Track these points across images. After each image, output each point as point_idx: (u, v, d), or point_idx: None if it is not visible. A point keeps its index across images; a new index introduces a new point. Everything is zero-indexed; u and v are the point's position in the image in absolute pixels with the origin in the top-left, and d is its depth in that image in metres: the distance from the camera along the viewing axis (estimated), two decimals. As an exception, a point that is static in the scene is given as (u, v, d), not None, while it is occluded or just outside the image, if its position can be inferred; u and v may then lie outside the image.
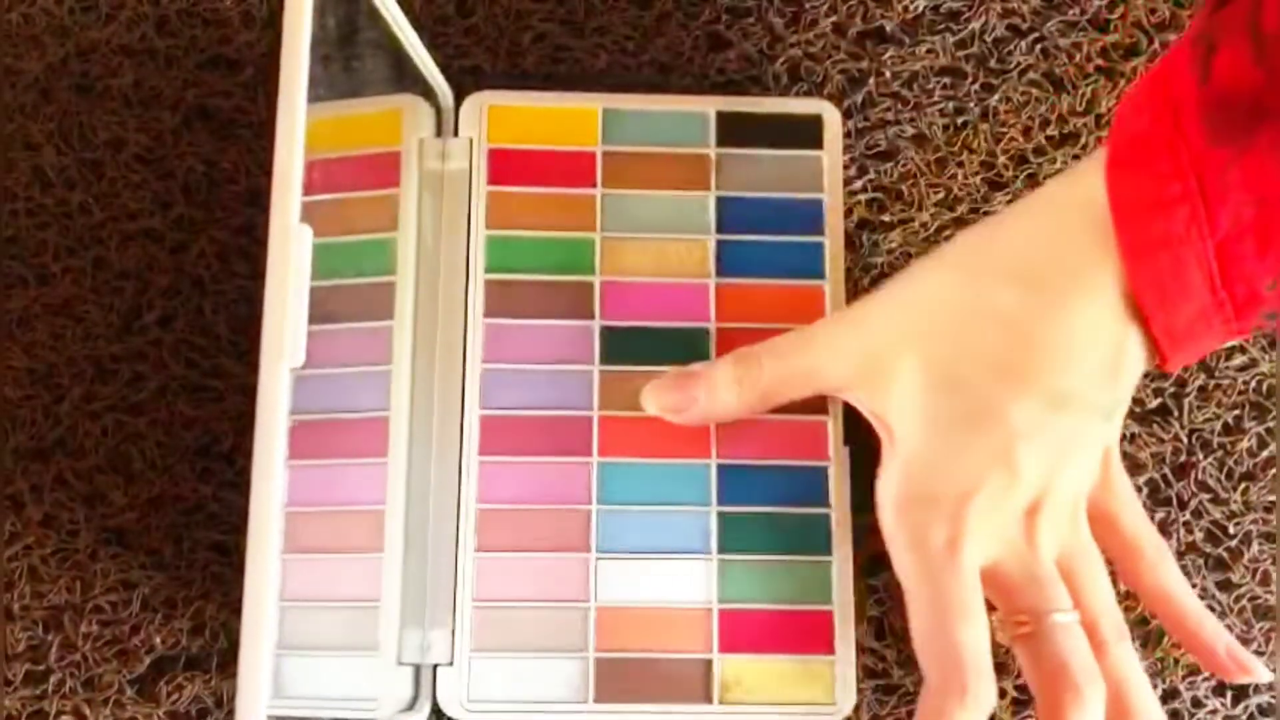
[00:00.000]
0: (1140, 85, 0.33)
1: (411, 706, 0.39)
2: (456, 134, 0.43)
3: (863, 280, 0.43)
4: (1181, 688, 0.41)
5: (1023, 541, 0.35)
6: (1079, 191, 0.34)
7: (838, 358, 0.37)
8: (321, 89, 0.43)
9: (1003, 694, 0.41)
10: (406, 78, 0.42)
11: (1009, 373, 0.34)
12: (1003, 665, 0.40)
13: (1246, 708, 0.41)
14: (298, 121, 0.28)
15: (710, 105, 0.44)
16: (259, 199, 0.44)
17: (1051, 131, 0.45)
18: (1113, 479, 0.38)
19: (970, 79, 0.45)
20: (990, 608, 0.35)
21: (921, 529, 0.35)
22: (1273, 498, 0.42)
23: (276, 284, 0.28)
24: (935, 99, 0.45)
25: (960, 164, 0.44)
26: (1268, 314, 0.32)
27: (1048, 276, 0.34)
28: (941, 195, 0.44)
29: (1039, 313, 0.34)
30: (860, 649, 0.40)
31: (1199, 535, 0.42)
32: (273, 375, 0.28)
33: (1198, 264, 0.31)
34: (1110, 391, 0.34)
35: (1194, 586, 0.41)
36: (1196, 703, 0.41)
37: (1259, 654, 0.41)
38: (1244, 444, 0.42)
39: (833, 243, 0.42)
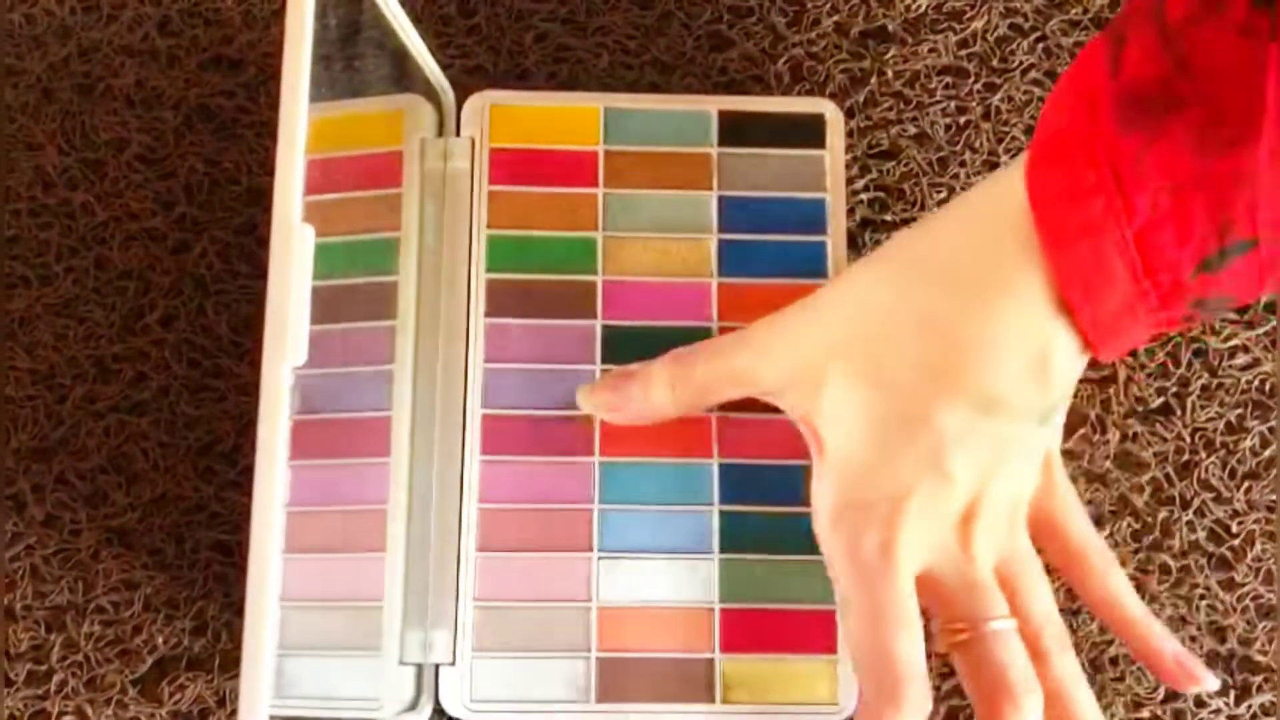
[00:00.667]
0: (1059, 84, 0.33)
1: (414, 706, 0.39)
2: (458, 134, 0.43)
3: (865, 280, 0.43)
4: (1184, 687, 0.41)
5: (958, 548, 0.35)
6: (1000, 191, 0.33)
7: (770, 361, 0.36)
8: (324, 89, 0.43)
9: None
10: (408, 77, 0.42)
11: (937, 375, 0.34)
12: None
13: (1250, 707, 0.41)
14: (299, 121, 0.28)
15: (712, 105, 0.44)
16: (261, 198, 0.44)
17: (1054, 131, 0.45)
18: (1055, 484, 0.37)
19: (972, 78, 0.45)
20: (927, 616, 0.35)
21: (855, 535, 0.34)
22: (1275, 497, 0.42)
23: (278, 283, 0.28)
24: (937, 98, 0.45)
25: (962, 163, 0.44)
26: (1194, 302, 0.32)
27: (971, 277, 0.33)
28: (944, 195, 0.44)
29: (962, 313, 0.33)
30: (862, 649, 0.40)
31: (1202, 534, 0.42)
32: (274, 375, 0.28)
33: (1118, 252, 0.31)
34: (1042, 394, 0.34)
35: (1196, 586, 0.41)
36: (1199, 702, 0.41)
37: (1262, 653, 0.41)
38: (1247, 443, 0.42)
39: (835, 242, 0.42)
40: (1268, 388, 0.43)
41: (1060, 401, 0.35)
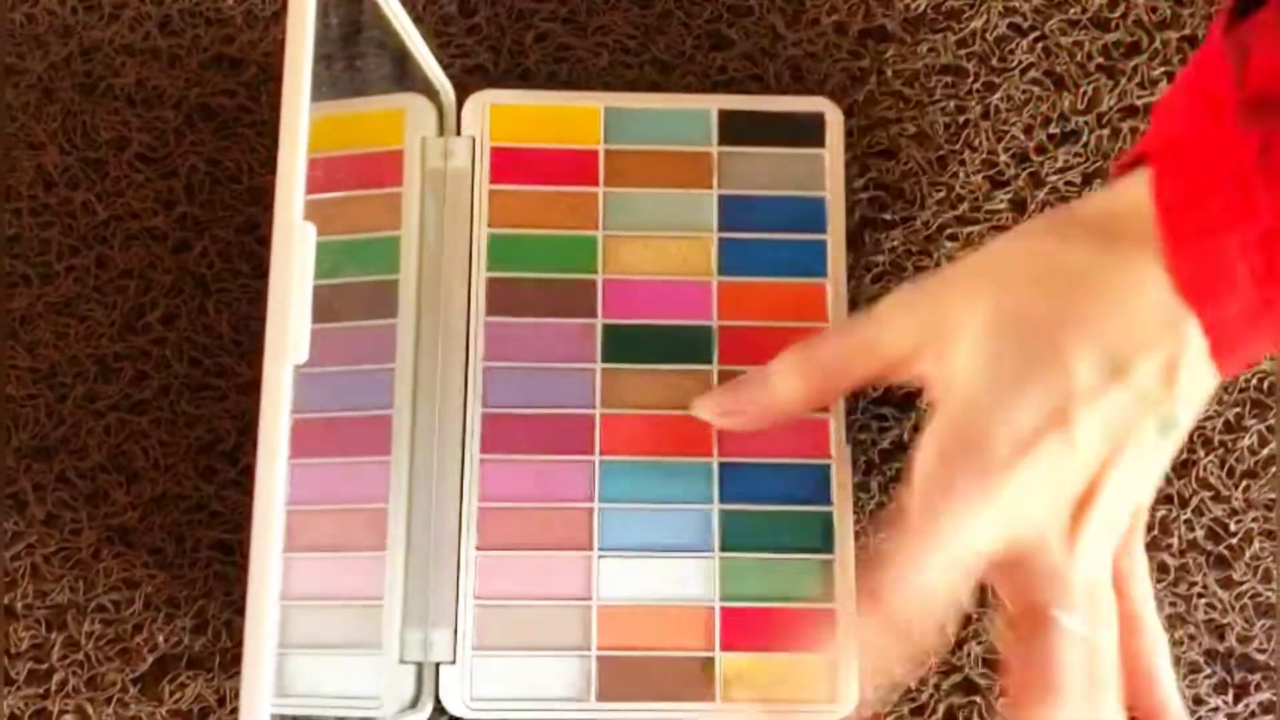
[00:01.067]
0: (1174, 92, 0.34)
1: (414, 705, 0.39)
2: (459, 133, 0.43)
3: (864, 279, 0.43)
4: (1184, 685, 0.41)
5: (1061, 537, 0.33)
6: (1123, 200, 0.33)
7: (897, 326, 0.35)
8: (325, 88, 0.43)
9: (1004, 691, 0.41)
10: (409, 77, 0.42)
11: (1070, 322, 0.32)
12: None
13: (1248, 705, 0.41)
14: (301, 120, 0.28)
15: (712, 103, 0.44)
16: (262, 197, 0.44)
17: (1053, 129, 0.45)
18: (1134, 541, 0.36)
19: (972, 77, 0.45)
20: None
21: (957, 475, 0.32)
22: (1274, 495, 0.42)
23: (280, 282, 0.28)
24: (937, 97, 0.45)
25: (962, 162, 0.44)
26: None
27: (1123, 235, 0.32)
28: (943, 194, 0.44)
29: (1100, 266, 0.32)
30: (862, 647, 0.40)
31: (1200, 533, 0.42)
32: (276, 373, 0.28)
33: (1240, 254, 0.31)
34: (1164, 386, 0.32)
35: (1195, 584, 0.41)
36: (1198, 700, 0.41)
37: (1260, 651, 0.41)
38: (1245, 441, 0.42)
39: (835, 241, 0.42)
40: (1266, 386, 0.43)
41: (1182, 413, 0.33)
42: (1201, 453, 0.42)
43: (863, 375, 0.37)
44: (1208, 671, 0.41)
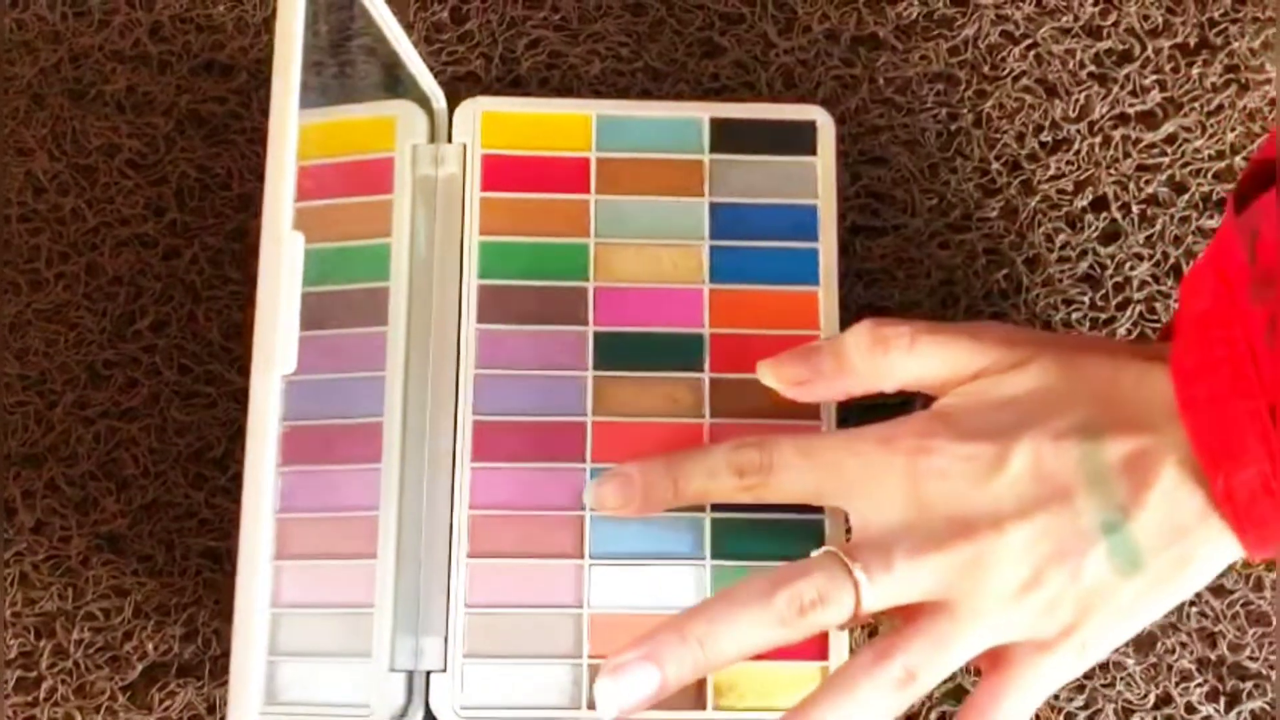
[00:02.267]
0: (1198, 268, 0.35)
1: (404, 713, 0.39)
2: (450, 140, 0.43)
3: (856, 286, 0.43)
4: (1175, 694, 0.41)
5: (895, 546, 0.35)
6: (1149, 378, 0.35)
7: (982, 342, 0.37)
8: (315, 95, 0.43)
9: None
10: (400, 84, 0.42)
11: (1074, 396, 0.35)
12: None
13: (1240, 714, 0.41)
14: (290, 128, 0.28)
15: (704, 111, 0.44)
16: (252, 204, 0.44)
17: (1045, 137, 0.45)
18: (1003, 686, 0.35)
19: (963, 85, 0.45)
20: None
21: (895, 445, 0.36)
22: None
23: (269, 291, 0.28)
24: (928, 105, 0.45)
25: (953, 170, 0.44)
26: None
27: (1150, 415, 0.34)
28: (935, 201, 0.44)
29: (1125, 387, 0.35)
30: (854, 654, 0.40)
31: (1192, 541, 0.42)
32: (264, 382, 0.27)
33: (1250, 421, 0.31)
34: (1124, 482, 0.34)
35: (1187, 592, 0.41)
36: (1190, 709, 0.41)
37: (1252, 659, 0.41)
38: (1237, 450, 0.42)
39: (826, 249, 0.42)
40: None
41: (1140, 535, 0.34)
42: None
43: (939, 370, 0.37)
44: (1199, 680, 0.41)
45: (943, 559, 0.34)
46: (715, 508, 0.40)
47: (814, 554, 0.36)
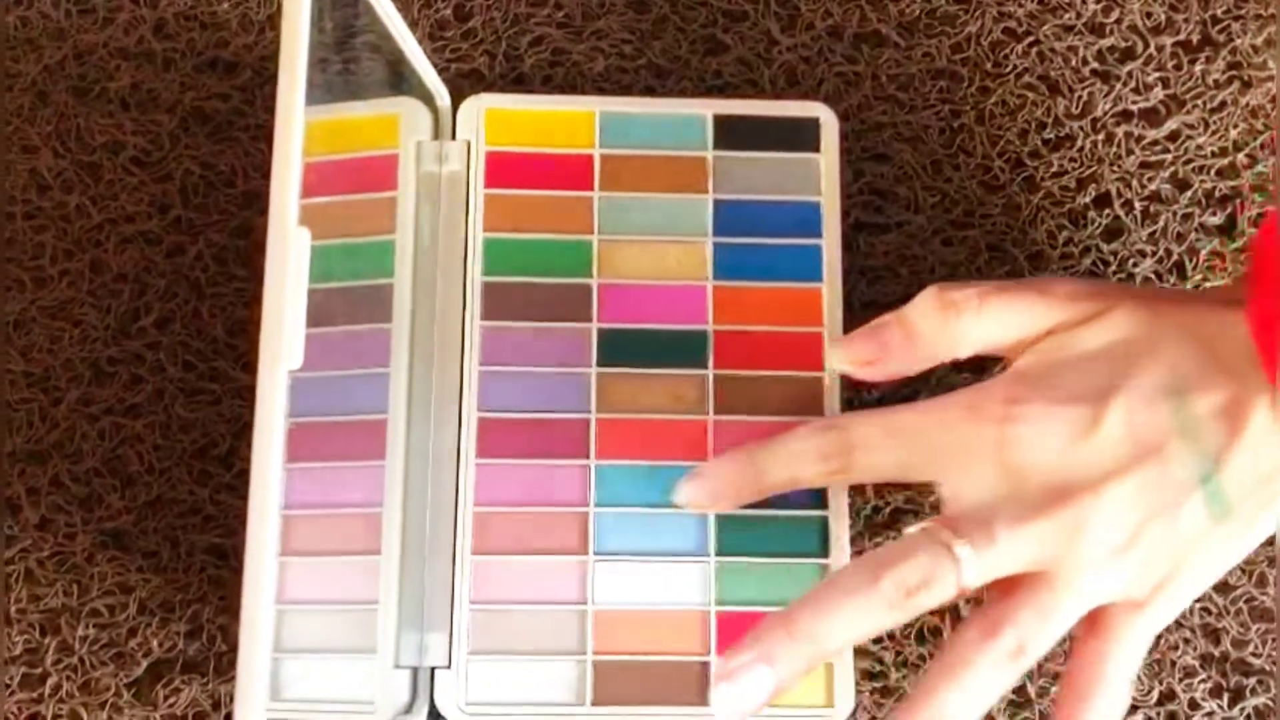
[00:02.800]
0: (1274, 215, 0.35)
1: (409, 709, 0.39)
2: (454, 137, 0.43)
3: (859, 283, 0.43)
4: (1179, 689, 0.41)
5: (1008, 493, 0.35)
6: (1225, 319, 0.35)
7: (1069, 288, 0.37)
8: (320, 92, 0.43)
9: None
10: (404, 81, 0.42)
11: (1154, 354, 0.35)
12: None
13: (1244, 709, 0.41)
14: (295, 125, 0.28)
15: (707, 108, 0.44)
16: (256, 201, 0.44)
17: (1048, 134, 0.45)
18: (1125, 628, 0.35)
19: (966, 82, 0.45)
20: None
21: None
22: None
23: (275, 286, 0.28)
24: (931, 102, 0.45)
25: (956, 167, 0.44)
26: None
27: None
28: (938, 198, 0.44)
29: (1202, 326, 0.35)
30: (857, 651, 0.40)
31: (1195, 537, 0.42)
32: (271, 378, 0.28)
33: None
34: (1218, 433, 0.34)
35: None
36: (1194, 704, 0.41)
37: (1256, 656, 0.41)
38: (1240, 446, 0.42)
39: (830, 245, 0.43)
40: (1261, 391, 0.43)
41: (1231, 488, 0.34)
42: (1196, 457, 0.42)
43: (1014, 331, 0.37)
44: (1203, 675, 0.41)
45: (1043, 526, 0.34)
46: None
47: (910, 530, 0.35)
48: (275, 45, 0.30)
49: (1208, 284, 0.44)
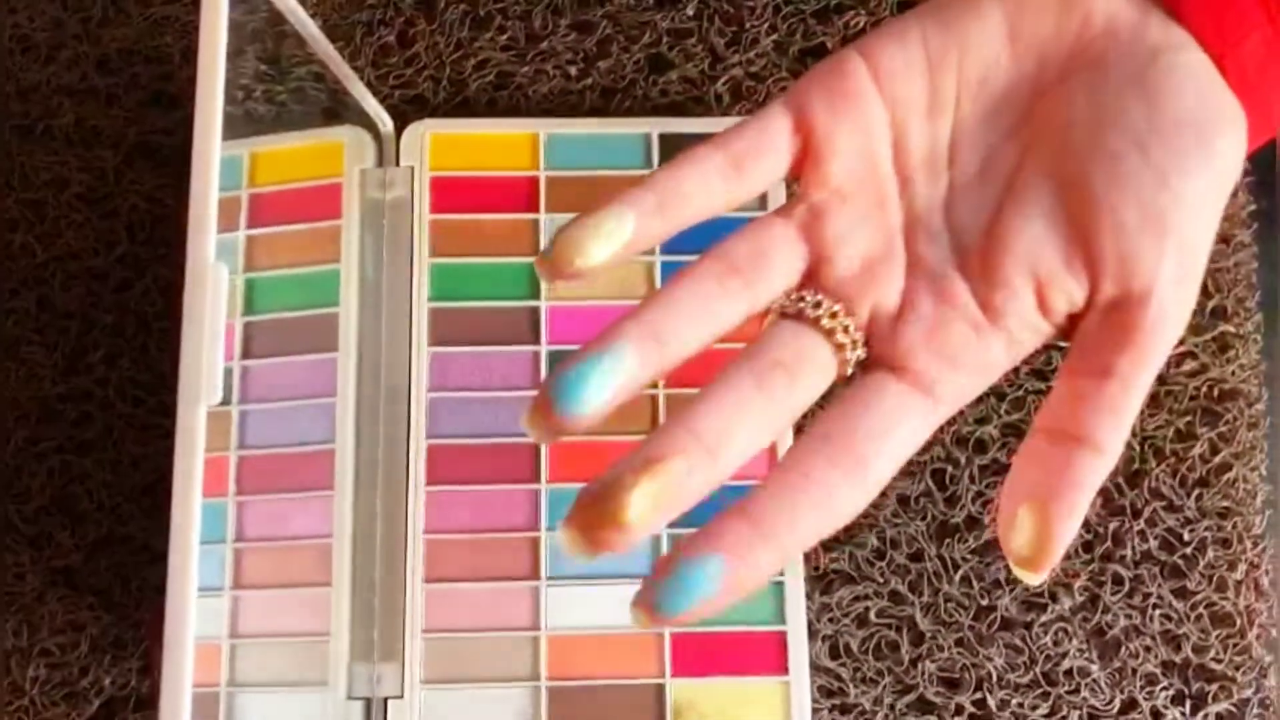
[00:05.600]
0: None
1: (363, 741, 0.39)
2: (398, 163, 0.43)
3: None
4: (1140, 699, 0.40)
5: None
6: None
7: None
8: (261, 123, 0.43)
9: (959, 710, 0.40)
10: (347, 109, 0.42)
11: None
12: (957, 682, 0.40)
13: (1206, 716, 0.40)
14: (213, 159, 0.28)
15: (652, 127, 0.44)
16: (202, 234, 0.43)
17: (995, 143, 0.45)
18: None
19: (912, 93, 0.45)
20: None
21: None
22: (1226, 503, 0.42)
23: (193, 323, 0.28)
24: (878, 114, 0.45)
25: (904, 178, 0.44)
26: None
27: None
28: (886, 210, 0.44)
29: None
30: (815, 668, 0.40)
31: (1154, 543, 0.42)
32: (190, 415, 0.27)
33: None
34: None
35: (1149, 595, 0.41)
36: (1156, 713, 0.40)
37: (1217, 661, 0.41)
38: (1196, 450, 0.42)
39: (777, 261, 0.42)
40: (1216, 394, 0.43)
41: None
42: (1153, 463, 0.42)
43: None
44: (1164, 683, 0.41)
45: None
46: (671, 525, 0.40)
47: None
48: (192, 80, 0.30)
49: None
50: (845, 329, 0.26)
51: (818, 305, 0.26)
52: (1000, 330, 0.26)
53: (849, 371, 0.26)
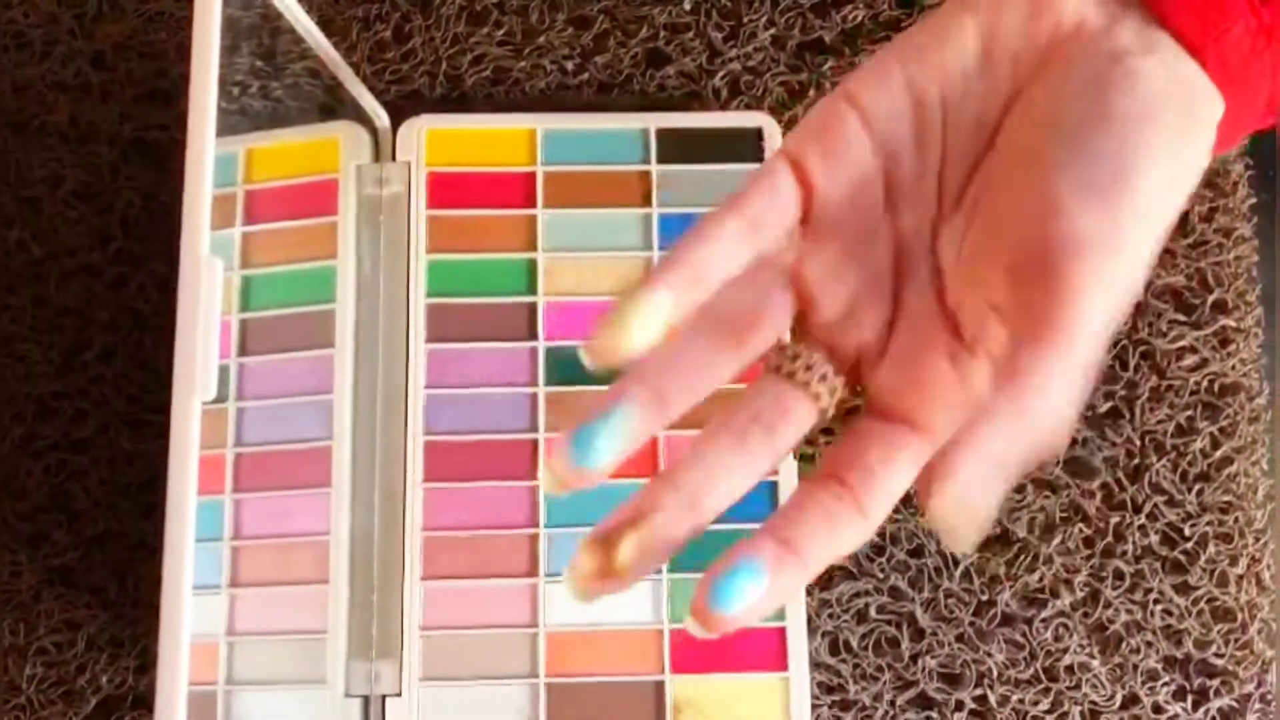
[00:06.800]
0: None
1: (361, 739, 0.38)
2: (395, 159, 0.43)
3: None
4: (1142, 694, 0.40)
5: None
6: None
7: None
8: (257, 119, 0.43)
9: (960, 706, 0.40)
10: (343, 105, 0.42)
11: None
12: (957, 677, 0.40)
13: (1208, 711, 0.40)
14: (206, 155, 0.28)
15: (650, 122, 0.43)
16: (198, 231, 0.43)
17: (994, 137, 0.44)
18: None
19: (911, 87, 0.45)
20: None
21: None
22: (1227, 498, 0.42)
23: (187, 318, 0.27)
24: (876, 108, 0.45)
25: (903, 172, 0.44)
26: None
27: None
28: (885, 204, 0.44)
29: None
30: (814, 665, 0.40)
31: (1155, 539, 0.41)
32: (184, 410, 0.27)
33: None
34: None
35: (1150, 590, 0.41)
36: (1157, 708, 0.40)
37: (1219, 656, 0.41)
38: (1197, 445, 0.42)
39: (775, 256, 0.42)
40: (1216, 388, 0.42)
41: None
42: (1153, 458, 0.42)
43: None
44: (1166, 679, 0.40)
45: None
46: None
47: None
48: (186, 75, 0.30)
49: None
50: (824, 378, 0.27)
51: (795, 358, 0.27)
52: (981, 357, 0.26)
53: (829, 416, 0.27)
